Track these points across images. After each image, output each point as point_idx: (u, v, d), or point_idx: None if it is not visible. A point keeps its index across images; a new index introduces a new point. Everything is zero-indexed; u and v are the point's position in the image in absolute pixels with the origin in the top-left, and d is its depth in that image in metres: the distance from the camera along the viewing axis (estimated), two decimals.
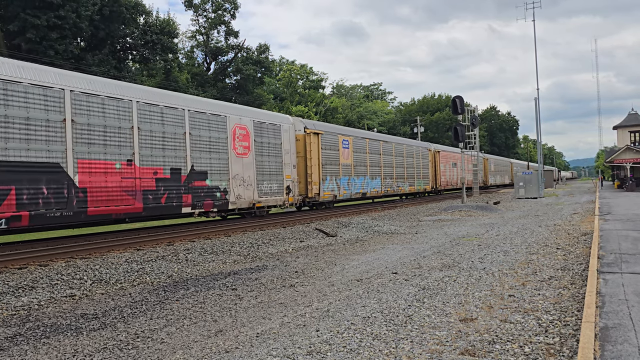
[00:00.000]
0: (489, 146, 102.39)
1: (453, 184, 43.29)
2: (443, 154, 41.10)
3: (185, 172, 15.15)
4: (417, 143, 37.41)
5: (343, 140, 24.72)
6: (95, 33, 34.53)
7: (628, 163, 43.95)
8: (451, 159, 42.73)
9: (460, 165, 41.74)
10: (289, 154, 20.36)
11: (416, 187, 34.74)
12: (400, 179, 31.93)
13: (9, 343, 5.86)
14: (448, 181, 41.80)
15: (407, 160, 33.46)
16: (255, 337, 5.61)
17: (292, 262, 10.95)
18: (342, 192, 24.11)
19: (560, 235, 13.35)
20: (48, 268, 9.74)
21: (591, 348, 4.39)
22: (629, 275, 7.55)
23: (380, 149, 29.32)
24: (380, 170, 28.99)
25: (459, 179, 43.33)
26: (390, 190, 30.31)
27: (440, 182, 39.86)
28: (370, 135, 29.18)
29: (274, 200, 19.19)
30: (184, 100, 15.84)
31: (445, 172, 41.28)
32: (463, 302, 6.64)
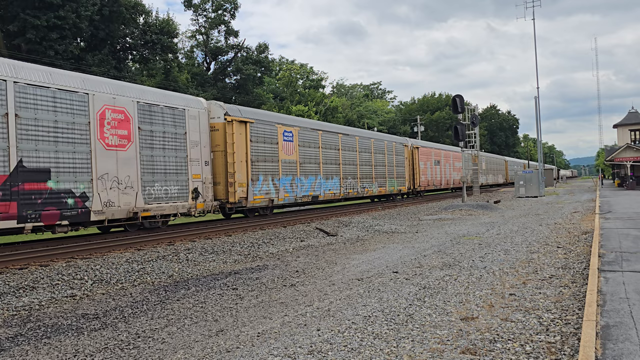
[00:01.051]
0: (490, 145, 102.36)
1: (436, 184, 38.34)
2: (423, 151, 36.04)
3: (4, 170, 10.69)
4: (390, 137, 32.27)
5: (284, 132, 19.99)
6: (95, 33, 34.54)
7: (628, 161, 43.91)
8: (434, 156, 38.21)
9: (446, 163, 40.26)
10: (199, 147, 15.78)
11: (388, 187, 29.84)
12: (367, 178, 27.21)
13: (10, 343, 5.86)
14: (430, 181, 37.00)
15: (377, 157, 28.63)
16: (256, 337, 5.61)
17: (293, 261, 10.95)
18: (283, 195, 19.63)
19: (561, 234, 13.34)
20: (49, 268, 9.74)
21: (592, 346, 4.39)
22: (629, 273, 7.55)
23: (339, 143, 24.40)
24: (339, 169, 24.09)
25: (444, 178, 40.15)
26: (353, 192, 25.44)
27: (420, 182, 34.94)
28: (324, 126, 24.29)
29: (173, 207, 14.69)
30: (9, 67, 11.14)
31: (426, 171, 36.41)
32: (464, 301, 6.63)
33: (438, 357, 4.62)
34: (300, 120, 22.95)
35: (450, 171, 41.53)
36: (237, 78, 52.11)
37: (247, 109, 19.25)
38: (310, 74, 69.01)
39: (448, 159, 41.16)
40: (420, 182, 34.97)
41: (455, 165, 42.76)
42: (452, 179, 41.98)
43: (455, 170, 43.06)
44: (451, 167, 41.87)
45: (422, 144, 37.20)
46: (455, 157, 43.12)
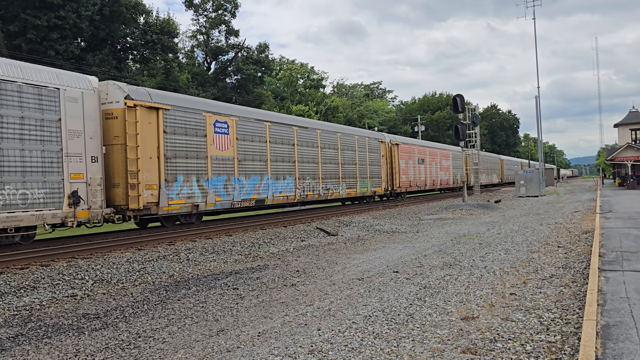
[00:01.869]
0: (490, 145, 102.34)
1: (420, 185, 34.24)
2: (404, 148, 32.22)
3: None
4: (362, 132, 28.52)
5: (217, 123, 16.42)
6: (96, 33, 34.56)
7: (629, 161, 43.89)
8: (417, 153, 34.32)
9: (432, 161, 36.76)
10: (82, 139, 12.32)
11: (359, 189, 25.97)
12: (332, 178, 23.44)
13: (11, 343, 5.87)
14: (412, 181, 33.04)
15: (345, 155, 24.82)
16: (256, 336, 5.62)
17: (294, 261, 10.95)
18: (213, 199, 16.00)
19: (562, 234, 13.34)
20: (49, 268, 9.75)
21: (593, 346, 4.39)
22: (630, 273, 7.55)
23: (294, 137, 20.66)
24: (294, 167, 20.47)
25: (430, 178, 36.18)
26: (313, 194, 21.70)
27: (400, 183, 30.96)
28: (272, 117, 20.39)
29: (35, 217, 11.21)
30: None
31: (408, 171, 32.40)
32: (464, 300, 6.63)
33: (438, 357, 4.62)
34: (240, 109, 18.92)
35: (436, 171, 38.06)
36: (237, 78, 52.11)
37: (160, 92, 15.66)
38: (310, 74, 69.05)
39: (434, 157, 37.74)
40: (400, 182, 31.00)
41: (442, 164, 39.38)
42: (439, 179, 38.57)
43: (443, 169, 39.61)
44: (438, 166, 38.38)
45: (403, 140, 33.34)
46: (443, 156, 39.97)
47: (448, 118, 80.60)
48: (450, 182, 41.74)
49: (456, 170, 43.20)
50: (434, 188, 38.44)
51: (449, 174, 41.36)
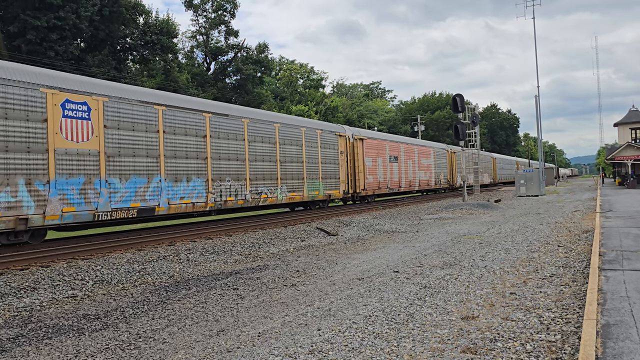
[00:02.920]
0: (490, 144, 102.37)
1: (393, 187, 29.98)
2: (371, 143, 27.44)
3: None
4: (313, 123, 23.26)
5: (68, 103, 12.08)
6: (95, 34, 34.56)
7: (629, 160, 43.90)
8: (389, 150, 29.71)
9: (408, 159, 32.49)
10: None
11: (307, 192, 21.16)
12: (267, 180, 18.66)
13: (11, 344, 5.87)
14: (382, 183, 28.62)
15: (287, 150, 20.07)
16: (257, 337, 5.62)
17: (294, 261, 10.96)
18: (59, 210, 11.63)
19: (562, 233, 13.34)
20: (50, 269, 9.75)
21: (593, 345, 4.39)
22: (630, 272, 7.55)
23: (206, 127, 16.00)
24: (206, 166, 15.83)
25: (405, 179, 31.87)
26: (236, 199, 16.94)
27: (365, 185, 26.33)
28: (170, 99, 15.31)
29: None
30: None
31: (376, 170, 27.95)
32: (464, 300, 6.64)
33: (439, 357, 4.62)
34: (112, 87, 13.71)
35: (414, 170, 33.72)
36: (237, 78, 52.11)
37: None
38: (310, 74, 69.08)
39: (411, 154, 33.36)
40: (365, 184, 26.23)
41: (421, 162, 34.96)
42: (416, 179, 34.08)
43: (422, 168, 35.00)
44: (416, 164, 33.89)
45: (370, 135, 28.44)
46: (423, 153, 35.52)
47: (448, 118, 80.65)
48: (432, 182, 37.17)
49: (439, 169, 39.07)
50: (411, 190, 33.66)
51: (430, 173, 36.89)
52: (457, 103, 29.29)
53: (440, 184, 39.09)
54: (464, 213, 21.78)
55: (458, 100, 29.30)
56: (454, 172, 43.18)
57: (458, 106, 29.34)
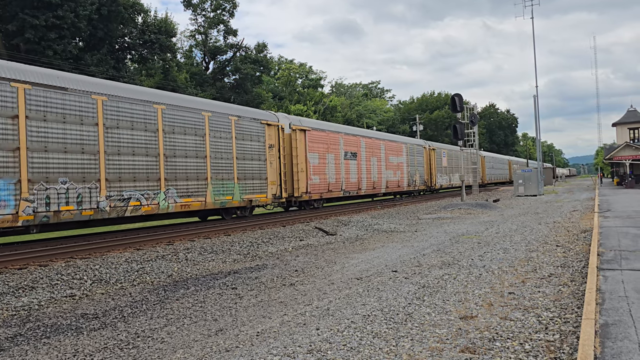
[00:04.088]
0: (489, 144, 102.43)
1: (349, 189, 25.27)
2: (317, 136, 22.72)
3: None
4: (222, 107, 17.78)
5: None
6: (94, 33, 34.51)
7: (627, 160, 43.97)
8: (344, 145, 25.08)
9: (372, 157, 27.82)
10: None
11: (212, 197, 16.33)
12: (141, 181, 14.10)
13: (9, 343, 5.86)
14: (334, 184, 23.80)
15: (176, 141, 15.26)
16: (255, 336, 5.61)
17: (292, 260, 10.95)
18: None
19: (560, 233, 13.35)
20: (48, 268, 9.74)
21: (591, 345, 4.40)
22: (628, 272, 7.56)
23: (19, 106, 11.33)
24: (16, 159, 11.19)
25: (367, 180, 27.23)
26: (79, 209, 12.35)
27: (308, 187, 21.87)
28: None
29: None
30: None
31: (325, 169, 23.14)
32: (463, 299, 6.64)
33: (437, 356, 4.62)
34: None
35: (380, 169, 28.76)
36: (235, 77, 52.08)
37: None
38: (309, 74, 69.08)
39: (375, 150, 28.46)
40: (308, 186, 21.64)
41: (390, 160, 30.01)
42: (383, 180, 29.07)
43: (391, 167, 30.12)
44: (382, 163, 29.07)
45: (315, 125, 23.28)
46: (392, 149, 30.47)
47: (446, 117, 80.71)
48: (404, 184, 32.22)
49: (413, 168, 33.85)
50: (376, 192, 28.69)
51: (402, 173, 31.88)
52: (456, 103, 29.32)
53: (414, 185, 34.05)
54: (462, 213, 21.79)
55: (457, 100, 29.33)
56: (432, 171, 37.57)
57: (457, 106, 29.36)
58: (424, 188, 36.50)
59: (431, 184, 37.47)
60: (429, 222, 18.71)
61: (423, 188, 36.20)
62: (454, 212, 22.11)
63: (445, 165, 40.95)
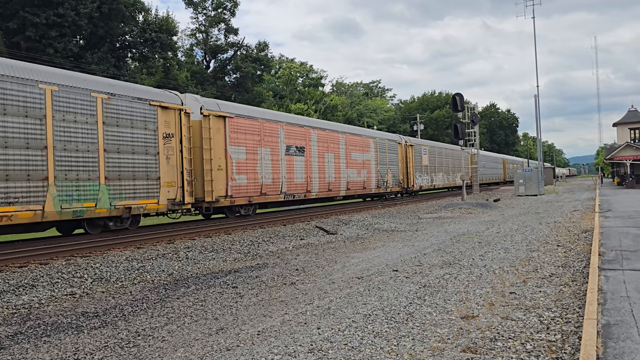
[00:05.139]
0: (489, 144, 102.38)
1: (294, 191, 20.34)
2: (242, 125, 17.78)
3: None
4: (77, 79, 12.48)
5: None
6: (94, 31, 34.48)
7: (628, 160, 43.94)
8: (287, 137, 20.14)
9: (326, 152, 22.81)
10: None
11: (57, 204, 11.43)
12: None
13: (9, 341, 5.85)
14: (269, 186, 18.94)
15: None
16: (256, 335, 5.60)
17: (293, 259, 10.94)
18: None
19: (561, 233, 13.34)
20: (48, 266, 9.73)
21: (593, 345, 4.38)
22: (630, 272, 7.55)
23: None
24: None
25: (320, 180, 22.21)
26: None
27: (229, 190, 16.94)
28: None
29: None
30: None
31: (255, 166, 18.24)
32: (464, 299, 6.63)
33: (439, 356, 4.61)
34: None
35: (338, 168, 23.75)
36: (236, 76, 52.05)
37: None
38: (309, 73, 69.06)
39: (332, 145, 23.38)
40: (229, 188, 16.82)
41: (352, 157, 25.22)
42: (343, 180, 24.16)
43: (355, 165, 25.45)
44: (342, 160, 24.25)
45: (241, 111, 18.10)
46: (355, 144, 25.74)
47: (447, 117, 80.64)
48: (372, 185, 27.31)
49: (384, 167, 28.88)
50: (334, 195, 23.77)
51: (368, 173, 26.94)
52: (457, 102, 29.30)
53: (386, 186, 29.03)
54: (462, 212, 21.78)
55: (458, 99, 29.31)
56: (409, 170, 32.42)
57: (458, 105, 29.35)
58: (399, 190, 31.21)
59: (408, 184, 32.29)
60: (430, 221, 18.70)
61: (397, 190, 30.94)
62: (454, 211, 22.10)
63: (426, 164, 35.74)
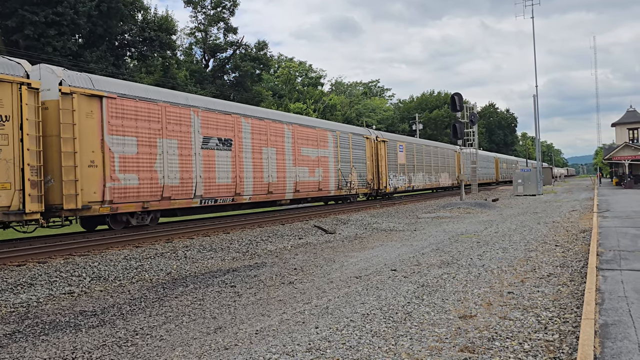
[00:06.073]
0: (488, 143, 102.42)
1: (216, 194, 16.42)
2: (129, 108, 13.74)
3: None
4: None
5: None
6: (93, 29, 34.44)
7: (626, 160, 44.00)
8: (206, 126, 16.24)
9: (266, 145, 18.75)
10: None
11: None
12: None
13: (7, 340, 5.84)
14: (175, 188, 14.95)
15: None
16: (254, 334, 5.60)
17: (291, 259, 10.94)
18: None
19: (559, 233, 13.35)
20: (47, 265, 9.72)
21: (591, 345, 4.39)
22: (628, 272, 7.56)
23: None
24: None
25: (255, 180, 18.04)
26: None
27: (106, 193, 12.88)
28: None
29: None
30: None
31: (156, 162, 14.35)
32: (462, 299, 6.63)
33: (436, 355, 4.61)
34: None
35: (283, 166, 19.76)
36: (235, 75, 52.03)
37: None
38: (309, 72, 69.04)
39: (275, 139, 19.40)
40: (104, 192, 12.85)
41: (303, 153, 21.21)
42: (289, 181, 20.10)
43: (306, 163, 21.31)
44: (288, 156, 20.12)
45: (129, 91, 14.08)
46: (307, 138, 21.53)
47: (446, 117, 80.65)
48: (330, 186, 23.09)
49: (346, 165, 24.66)
50: (277, 199, 19.83)
51: (325, 172, 22.75)
52: (456, 102, 29.29)
53: (349, 188, 24.72)
54: (461, 212, 21.79)
55: (456, 99, 29.30)
56: (381, 170, 28.38)
57: (456, 105, 29.33)
58: (367, 192, 27.09)
59: (379, 186, 28.19)
60: (428, 221, 18.70)
61: (365, 192, 26.87)
62: (453, 211, 22.11)
63: (402, 162, 31.53)
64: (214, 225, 16.14)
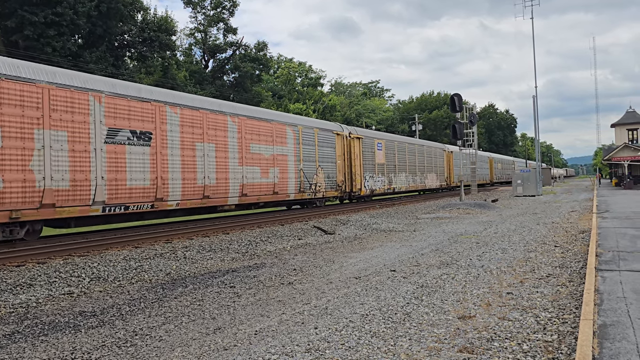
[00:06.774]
0: (487, 144, 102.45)
1: (126, 199, 12.99)
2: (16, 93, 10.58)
3: None
4: None
5: None
6: (93, 30, 34.44)
7: (626, 161, 44.03)
8: (107, 115, 12.71)
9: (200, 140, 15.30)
10: None
11: None
12: None
13: (7, 341, 5.85)
14: (61, 193, 11.54)
15: None
16: (253, 335, 5.61)
17: (291, 259, 10.94)
18: None
19: (558, 233, 13.36)
20: (46, 266, 9.72)
21: (590, 345, 4.40)
22: (627, 272, 7.57)
23: None
24: None
25: (187, 182, 14.75)
26: None
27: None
28: None
29: None
30: None
31: (28, 159, 10.93)
32: (461, 299, 6.64)
33: (435, 356, 4.62)
34: None
35: (224, 164, 16.58)
36: (235, 76, 52.03)
37: None
38: (308, 72, 69.06)
39: (215, 132, 16.18)
40: None
41: (253, 150, 18.05)
42: (234, 183, 16.90)
43: (258, 162, 18.20)
44: (233, 154, 17.02)
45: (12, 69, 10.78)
46: (259, 132, 18.34)
47: (446, 117, 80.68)
48: (290, 189, 20.04)
49: (311, 165, 21.60)
50: (219, 204, 16.62)
51: (283, 172, 19.67)
52: (455, 103, 29.32)
53: (314, 190, 21.71)
54: (460, 212, 21.80)
55: (456, 99, 29.33)
56: (355, 170, 25.20)
57: (456, 106, 29.36)
58: (337, 194, 23.93)
59: (352, 188, 25.05)
60: (428, 221, 18.71)
61: (335, 194, 23.70)
62: (452, 211, 22.12)
63: (381, 162, 28.54)
64: (214, 225, 16.15)
